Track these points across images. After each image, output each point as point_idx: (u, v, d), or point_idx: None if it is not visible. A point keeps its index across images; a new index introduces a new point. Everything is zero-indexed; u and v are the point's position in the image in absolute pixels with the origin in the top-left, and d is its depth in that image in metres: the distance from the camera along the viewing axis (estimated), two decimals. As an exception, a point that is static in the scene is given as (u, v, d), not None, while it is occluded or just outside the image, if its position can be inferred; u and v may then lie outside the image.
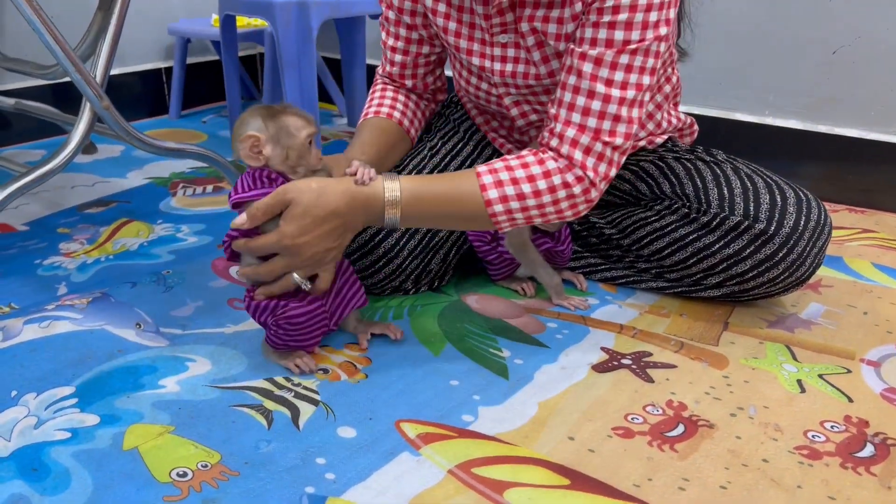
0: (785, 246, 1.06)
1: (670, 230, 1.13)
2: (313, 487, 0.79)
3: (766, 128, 1.68)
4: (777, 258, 1.07)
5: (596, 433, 0.88)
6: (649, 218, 1.16)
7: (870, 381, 1.00)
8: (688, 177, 1.15)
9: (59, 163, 1.25)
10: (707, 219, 1.10)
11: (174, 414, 0.90)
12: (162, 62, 2.25)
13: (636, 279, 1.21)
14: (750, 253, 1.08)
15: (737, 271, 1.10)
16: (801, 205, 1.08)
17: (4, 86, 1.92)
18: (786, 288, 1.11)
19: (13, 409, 0.90)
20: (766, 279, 1.09)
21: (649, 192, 1.19)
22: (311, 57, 1.69)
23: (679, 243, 1.12)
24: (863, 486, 0.81)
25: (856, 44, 1.55)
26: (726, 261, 1.09)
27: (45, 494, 0.77)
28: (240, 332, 1.07)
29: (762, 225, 1.06)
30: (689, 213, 1.12)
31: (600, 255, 1.24)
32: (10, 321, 1.09)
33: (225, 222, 1.47)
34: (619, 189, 1.23)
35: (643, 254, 1.17)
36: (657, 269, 1.18)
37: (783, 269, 1.08)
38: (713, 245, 1.09)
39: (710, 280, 1.13)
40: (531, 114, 1.15)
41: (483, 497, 0.78)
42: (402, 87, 1.21)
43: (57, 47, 1.21)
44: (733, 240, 1.08)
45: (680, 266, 1.14)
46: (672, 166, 1.18)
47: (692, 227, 1.11)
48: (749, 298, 1.15)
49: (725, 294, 1.14)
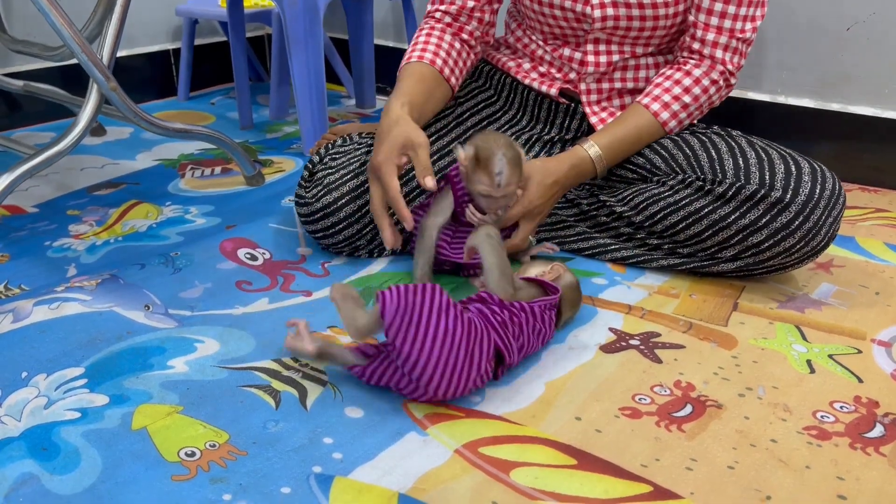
0: (801, 214, 1.06)
1: (685, 204, 1.13)
2: (321, 467, 0.79)
3: (780, 106, 1.66)
4: (793, 226, 1.07)
5: (603, 413, 0.88)
6: (662, 193, 1.16)
7: (881, 361, 0.99)
8: (702, 148, 1.16)
9: (68, 145, 1.25)
10: (722, 189, 1.10)
11: (182, 394, 0.90)
12: (170, 43, 2.24)
13: (647, 258, 1.20)
14: (766, 222, 1.08)
15: (752, 242, 1.09)
16: (815, 174, 1.09)
17: (13, 68, 1.92)
18: (800, 259, 1.11)
19: (24, 389, 0.91)
20: (781, 249, 1.08)
21: (664, 165, 1.19)
22: (318, 37, 1.68)
23: (694, 216, 1.12)
24: (872, 466, 0.81)
25: (870, 20, 1.53)
26: (742, 232, 1.09)
27: (56, 473, 0.78)
28: (248, 314, 1.08)
29: (778, 193, 1.07)
30: (703, 186, 1.12)
31: (610, 235, 1.23)
32: (21, 303, 1.10)
33: (233, 203, 1.47)
34: (634, 163, 1.22)
35: (656, 230, 1.17)
36: (670, 245, 1.17)
37: (799, 238, 1.07)
38: (729, 216, 1.10)
39: (724, 253, 1.13)
40: (610, 6, 1.18)
41: (490, 476, 0.78)
42: (451, 26, 1.24)
43: (64, 28, 1.20)
44: (749, 210, 1.08)
45: (694, 240, 1.14)
46: (687, 139, 1.20)
47: (707, 200, 1.11)
48: (763, 271, 1.14)
49: (740, 267, 1.13)
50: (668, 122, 1.19)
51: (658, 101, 1.18)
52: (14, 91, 1.77)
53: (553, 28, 1.25)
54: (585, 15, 1.19)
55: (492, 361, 0.88)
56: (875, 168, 1.59)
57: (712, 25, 1.15)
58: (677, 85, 1.19)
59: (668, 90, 1.19)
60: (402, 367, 0.84)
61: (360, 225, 1.19)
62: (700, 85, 1.18)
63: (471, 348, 0.85)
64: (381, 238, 1.12)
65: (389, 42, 2.26)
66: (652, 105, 1.18)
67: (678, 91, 1.18)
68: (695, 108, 1.20)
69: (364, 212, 1.18)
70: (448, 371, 0.83)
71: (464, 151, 1.03)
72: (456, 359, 0.84)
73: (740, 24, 1.15)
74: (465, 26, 1.24)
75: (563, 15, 1.22)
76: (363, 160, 1.20)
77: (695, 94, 1.18)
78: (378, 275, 1.19)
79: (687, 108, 1.19)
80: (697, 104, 1.19)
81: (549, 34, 1.27)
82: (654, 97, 1.19)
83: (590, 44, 1.24)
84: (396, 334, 0.82)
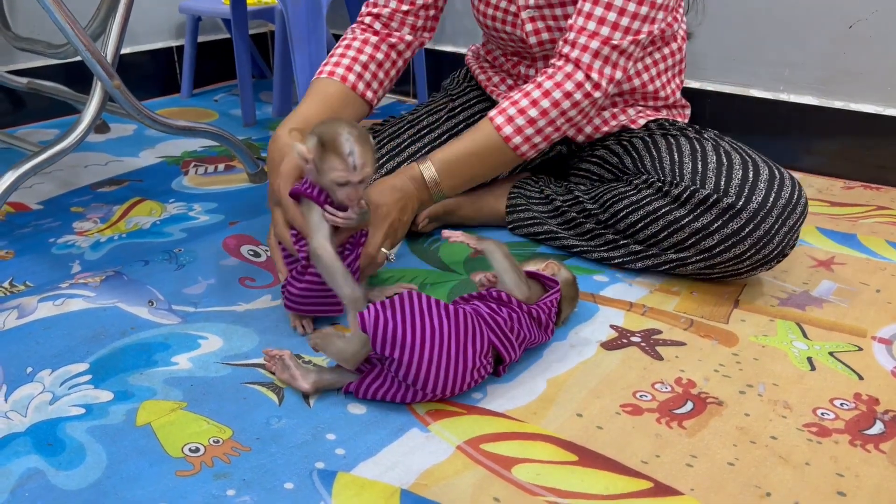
0: (752, 221, 1.06)
1: (645, 203, 1.14)
2: (323, 463, 0.80)
3: (782, 104, 1.66)
4: (744, 233, 1.07)
5: (604, 410, 0.89)
6: (627, 192, 1.17)
7: (881, 358, 0.99)
8: (667, 151, 1.17)
9: (72, 142, 1.26)
10: (678, 191, 1.11)
11: (186, 390, 0.91)
12: (173, 41, 2.25)
13: (608, 256, 1.21)
14: (717, 227, 1.08)
15: (705, 246, 1.10)
16: (772, 182, 1.08)
17: (17, 65, 1.92)
18: (753, 266, 1.10)
19: (29, 385, 0.92)
20: (732, 255, 1.08)
21: (632, 166, 1.21)
22: (321, 34, 1.68)
23: (651, 216, 1.13)
24: (871, 463, 0.81)
25: (872, 18, 1.53)
26: (695, 235, 1.10)
27: (61, 469, 0.78)
28: (251, 310, 1.08)
29: (731, 199, 1.07)
30: (662, 187, 1.13)
31: (577, 234, 1.24)
32: (25, 299, 1.11)
33: (236, 200, 1.47)
34: (609, 162, 1.27)
35: (619, 228, 1.18)
36: (632, 245, 1.18)
37: (749, 245, 1.07)
38: (683, 219, 1.10)
39: (680, 255, 1.13)
40: (544, 32, 1.19)
41: (491, 472, 0.78)
42: (379, 33, 1.20)
43: (67, 26, 1.21)
44: (702, 213, 1.09)
45: (652, 240, 1.15)
46: (657, 141, 1.21)
47: (665, 201, 1.12)
48: (718, 276, 1.14)
49: (695, 272, 1.14)
50: (511, 137, 1.09)
51: (503, 113, 1.10)
52: (18, 88, 1.77)
53: (506, 46, 1.29)
54: (524, 40, 1.23)
55: (489, 356, 0.89)
56: (878, 165, 1.59)
57: (586, 29, 1.07)
58: (525, 97, 1.09)
59: (515, 102, 1.09)
60: (397, 374, 0.85)
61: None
62: (550, 98, 1.08)
63: (462, 342, 0.86)
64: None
65: (392, 39, 2.26)
66: (496, 118, 1.10)
67: (525, 104, 1.09)
68: (544, 122, 1.09)
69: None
70: (443, 369, 0.84)
71: (302, 146, 0.93)
72: (448, 355, 0.84)
73: (618, 35, 1.07)
74: (395, 32, 1.20)
75: (509, 37, 1.26)
76: None
77: (543, 108, 1.08)
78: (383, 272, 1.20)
79: (534, 122, 1.08)
80: (547, 118, 1.08)
81: (507, 50, 1.31)
82: (500, 109, 1.10)
83: (539, 61, 1.27)
84: (384, 344, 0.83)
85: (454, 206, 1.30)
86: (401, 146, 1.32)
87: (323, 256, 0.93)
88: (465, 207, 1.32)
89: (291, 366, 0.91)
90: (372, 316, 0.84)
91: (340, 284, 0.92)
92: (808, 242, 1.32)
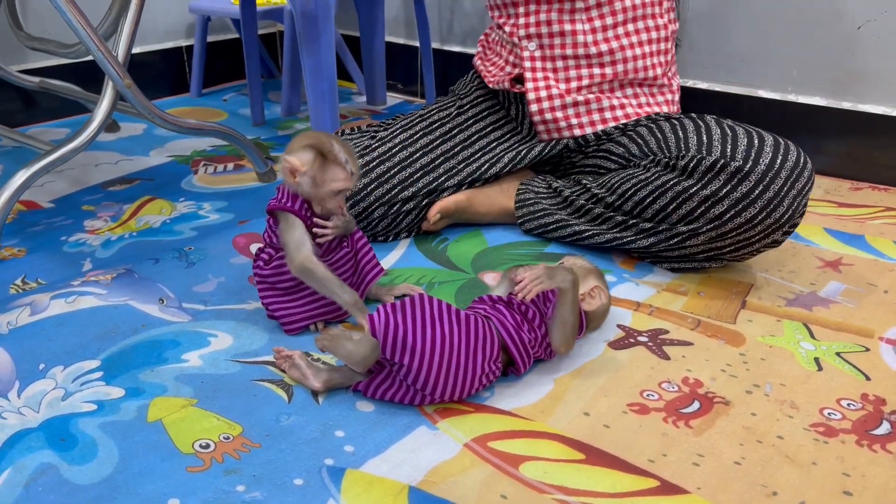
0: (761, 183, 1.06)
1: (652, 179, 1.16)
2: (332, 459, 0.80)
3: (790, 105, 1.66)
4: (753, 195, 1.07)
5: (611, 409, 0.89)
6: (636, 173, 1.19)
7: (888, 359, 1.00)
8: (671, 131, 1.20)
9: (83, 141, 1.27)
10: (684, 162, 1.12)
11: (197, 387, 0.92)
12: (183, 40, 2.26)
13: (619, 239, 1.21)
14: (727, 192, 1.08)
15: (715, 213, 1.10)
16: (778, 146, 1.09)
17: (29, 65, 1.94)
18: (764, 232, 1.10)
19: (41, 381, 0.93)
20: (743, 219, 1.08)
21: (639, 152, 1.23)
22: (330, 34, 1.69)
23: (659, 190, 1.14)
24: (878, 463, 0.81)
25: (882, 19, 1.52)
26: (704, 203, 1.10)
27: (73, 464, 0.79)
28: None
29: (738, 163, 1.07)
30: (669, 162, 1.14)
31: (586, 220, 1.26)
32: (38, 296, 1.12)
33: (246, 199, 1.48)
34: (615, 153, 1.28)
35: (627, 208, 1.19)
36: (640, 225, 1.18)
37: (760, 209, 1.07)
38: (691, 188, 1.11)
39: (690, 227, 1.13)
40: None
41: (498, 470, 0.79)
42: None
43: (79, 26, 1.22)
44: (710, 180, 1.09)
45: (661, 215, 1.15)
46: (661, 126, 1.23)
47: (673, 174, 1.13)
48: (729, 250, 1.14)
49: (705, 242, 1.13)
50: None
51: None
52: (30, 88, 1.79)
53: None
54: None
55: (499, 361, 0.89)
56: (886, 166, 1.59)
57: None
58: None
59: None
60: (406, 378, 0.85)
61: (378, 211, 1.26)
62: None
63: (472, 348, 0.86)
64: (397, 222, 1.26)
65: (400, 39, 2.27)
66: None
67: None
68: None
69: (374, 197, 1.26)
70: (451, 375, 0.85)
71: (295, 159, 0.95)
72: (458, 362, 0.85)
73: None
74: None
75: None
76: (365, 144, 1.31)
77: None
78: (394, 271, 1.20)
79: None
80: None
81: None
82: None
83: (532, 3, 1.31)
84: (394, 350, 0.84)
85: (465, 204, 1.31)
86: (413, 137, 1.35)
87: (314, 270, 0.96)
88: (476, 205, 1.33)
89: (302, 365, 0.92)
90: (382, 320, 0.84)
91: (338, 293, 0.96)
92: (816, 243, 1.32)
